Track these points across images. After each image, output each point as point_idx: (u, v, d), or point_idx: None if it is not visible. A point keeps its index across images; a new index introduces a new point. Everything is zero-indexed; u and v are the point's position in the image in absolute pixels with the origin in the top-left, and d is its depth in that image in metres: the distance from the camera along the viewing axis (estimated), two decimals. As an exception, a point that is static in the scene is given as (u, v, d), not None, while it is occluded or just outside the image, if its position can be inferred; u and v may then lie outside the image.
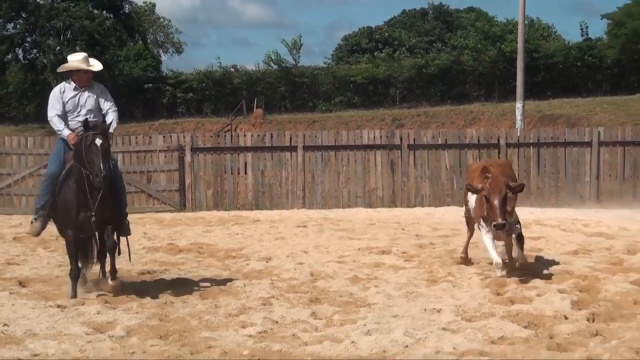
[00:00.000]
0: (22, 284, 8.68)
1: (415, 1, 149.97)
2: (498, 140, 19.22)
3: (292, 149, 19.09)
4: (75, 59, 8.57)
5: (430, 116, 42.92)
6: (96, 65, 8.71)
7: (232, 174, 19.26)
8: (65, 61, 8.72)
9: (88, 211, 7.95)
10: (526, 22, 32.93)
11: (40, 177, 18.15)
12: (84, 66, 8.51)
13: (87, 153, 7.90)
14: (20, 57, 51.41)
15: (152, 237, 13.26)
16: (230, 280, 9.01)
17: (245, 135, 19.98)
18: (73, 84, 8.54)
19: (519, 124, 26.66)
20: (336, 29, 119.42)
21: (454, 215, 15.22)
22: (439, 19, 68.11)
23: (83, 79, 8.56)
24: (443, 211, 17.13)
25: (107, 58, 52.21)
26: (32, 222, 8.52)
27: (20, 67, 51.13)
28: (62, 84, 8.61)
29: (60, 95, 8.44)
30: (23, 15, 49.71)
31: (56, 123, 8.35)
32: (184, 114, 51.51)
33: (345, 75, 50.68)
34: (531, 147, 19.23)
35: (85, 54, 8.76)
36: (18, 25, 50.31)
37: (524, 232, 9.38)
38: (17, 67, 51.29)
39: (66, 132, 8.30)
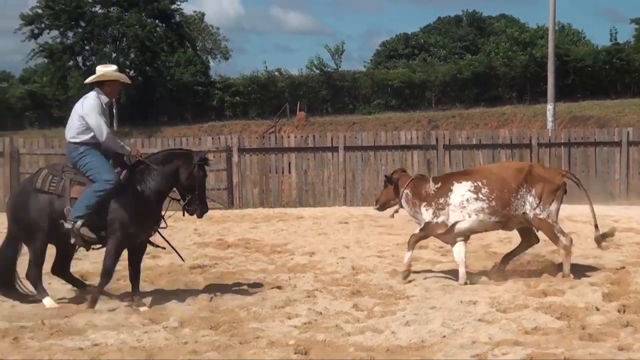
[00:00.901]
0: (83, 277, 8.76)
1: (450, 8, 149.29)
2: (530, 141, 19.01)
3: (334, 149, 19.09)
4: (112, 69, 7.84)
5: (464, 118, 42.56)
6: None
7: (276, 173, 19.34)
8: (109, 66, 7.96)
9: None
10: (556, 27, 32.49)
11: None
12: (124, 77, 7.92)
13: (191, 178, 7.48)
14: (80, 64, 52.10)
15: (202, 234, 13.36)
16: (276, 273, 9.04)
17: (289, 137, 20.04)
18: (104, 96, 7.67)
19: (550, 124, 26.32)
20: (374, 36, 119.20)
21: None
22: (472, 25, 67.54)
23: (115, 91, 7.84)
24: (477, 208, 16.94)
25: (158, 64, 52.91)
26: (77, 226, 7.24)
27: (81, 74, 51.80)
28: (97, 94, 7.67)
29: (102, 105, 7.63)
30: (81, 24, 50.41)
31: (113, 137, 7.62)
32: (231, 117, 51.76)
33: (383, 79, 50.51)
34: (562, 146, 19.00)
35: (115, 66, 8.04)
36: (77, 34, 51.06)
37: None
38: (77, 73, 51.96)
39: (127, 148, 7.66)
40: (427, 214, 8.43)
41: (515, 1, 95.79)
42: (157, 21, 52.15)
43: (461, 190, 8.28)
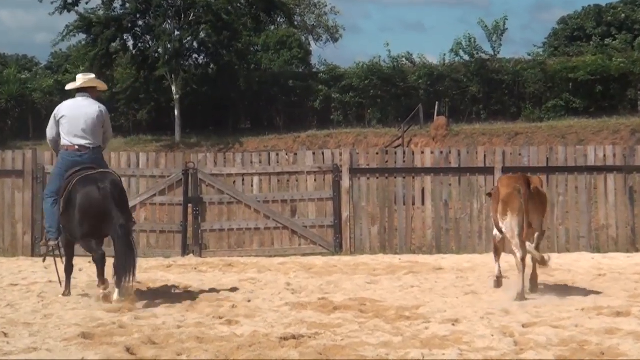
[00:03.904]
0: (129, 350, 8.99)
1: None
2: None
3: (487, 171, 18.96)
4: (93, 76, 12.92)
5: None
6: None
7: (404, 204, 19.33)
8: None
9: None
10: None
11: (154, 206, 18.95)
12: (103, 85, 13.03)
13: None
14: (130, 45, 52.59)
15: (297, 290, 13.48)
16: (404, 349, 9.03)
17: (422, 152, 20.02)
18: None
19: None
20: (545, 10, 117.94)
21: None
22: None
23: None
24: None
25: (239, 47, 53.32)
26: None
27: (130, 59, 52.76)
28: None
29: None
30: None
31: None
32: (340, 123, 52.19)
33: (561, 70, 49.96)
34: None
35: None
36: (127, 4, 51.56)
37: None
38: (125, 58, 52.85)
39: None
40: None
41: None
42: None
43: None
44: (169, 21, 51.81)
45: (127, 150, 25.40)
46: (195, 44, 52.80)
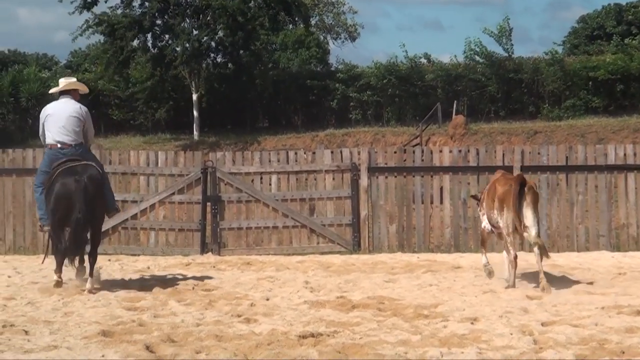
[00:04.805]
0: (149, 348, 9.02)
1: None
2: None
3: (506, 169, 18.89)
4: (74, 79, 14.45)
5: None
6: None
7: (422, 203, 19.32)
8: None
9: None
10: None
11: (173, 205, 19.00)
12: (84, 88, 14.70)
13: None
14: (150, 44, 52.61)
15: (316, 288, 13.51)
16: (423, 347, 9.02)
17: (441, 151, 19.98)
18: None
19: None
20: (563, 8, 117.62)
21: None
22: None
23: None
24: None
25: (256, 47, 53.34)
26: None
27: (148, 59, 52.84)
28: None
29: None
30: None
31: None
32: (358, 122, 52.16)
33: (581, 69, 49.79)
34: None
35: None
36: (147, 3, 51.53)
37: None
38: (143, 58, 52.98)
39: None
40: None
41: None
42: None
43: None
44: (187, 20, 51.92)
45: (146, 149, 25.38)
46: (212, 43, 52.81)
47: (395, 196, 19.29)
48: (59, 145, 13.56)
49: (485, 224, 14.23)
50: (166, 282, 14.06)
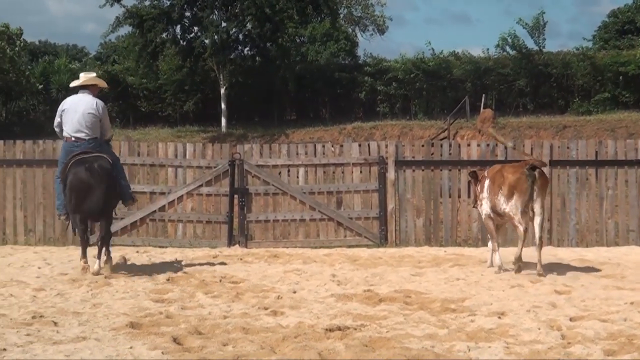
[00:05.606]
0: (176, 340, 9.06)
1: None
2: None
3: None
4: (94, 74, 15.09)
5: None
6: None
7: (450, 197, 19.28)
8: None
9: None
10: None
11: (200, 197, 19.03)
12: (103, 82, 15.19)
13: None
14: (179, 36, 52.78)
15: (343, 281, 13.52)
16: (450, 341, 9.02)
17: (469, 145, 19.93)
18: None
19: None
20: (593, 2, 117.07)
21: None
22: None
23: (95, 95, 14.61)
24: None
25: (284, 39, 53.39)
26: None
27: (177, 52, 53.01)
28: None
29: None
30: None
31: None
32: (385, 115, 52.22)
33: (611, 63, 49.59)
34: None
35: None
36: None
37: None
38: (172, 50, 53.17)
39: None
40: None
41: None
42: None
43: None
44: (216, 12, 52.04)
45: (174, 141, 25.48)
46: (240, 36, 52.88)
47: (423, 190, 19.25)
48: (73, 139, 14.29)
49: (485, 208, 14.90)
50: (193, 274, 14.11)
